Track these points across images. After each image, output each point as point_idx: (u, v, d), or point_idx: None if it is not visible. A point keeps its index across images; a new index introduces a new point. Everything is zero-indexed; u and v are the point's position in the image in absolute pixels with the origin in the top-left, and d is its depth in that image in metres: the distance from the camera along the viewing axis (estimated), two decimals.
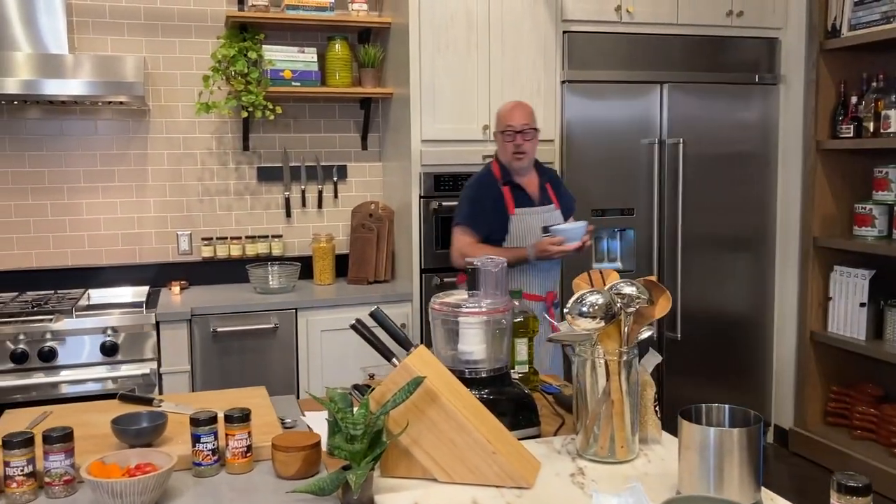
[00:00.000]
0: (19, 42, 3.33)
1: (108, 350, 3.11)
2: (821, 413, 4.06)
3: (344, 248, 3.97)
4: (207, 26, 3.76)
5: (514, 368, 2.02)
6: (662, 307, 1.58)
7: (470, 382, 1.69)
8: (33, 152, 3.60)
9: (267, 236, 3.90)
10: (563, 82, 3.68)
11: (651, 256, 3.88)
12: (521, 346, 2.04)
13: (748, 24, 3.92)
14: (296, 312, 3.42)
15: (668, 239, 3.90)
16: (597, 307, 1.51)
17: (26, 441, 1.44)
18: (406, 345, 1.61)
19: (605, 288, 1.58)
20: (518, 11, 3.56)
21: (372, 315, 1.64)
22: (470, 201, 3.05)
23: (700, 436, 1.36)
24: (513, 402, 1.73)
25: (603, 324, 1.52)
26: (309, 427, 1.82)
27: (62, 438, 1.46)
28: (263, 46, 3.62)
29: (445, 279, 3.57)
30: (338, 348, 3.43)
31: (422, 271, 3.58)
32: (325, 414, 1.86)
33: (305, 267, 3.82)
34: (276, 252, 3.88)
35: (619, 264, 3.87)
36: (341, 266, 3.90)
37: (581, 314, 1.52)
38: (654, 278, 1.61)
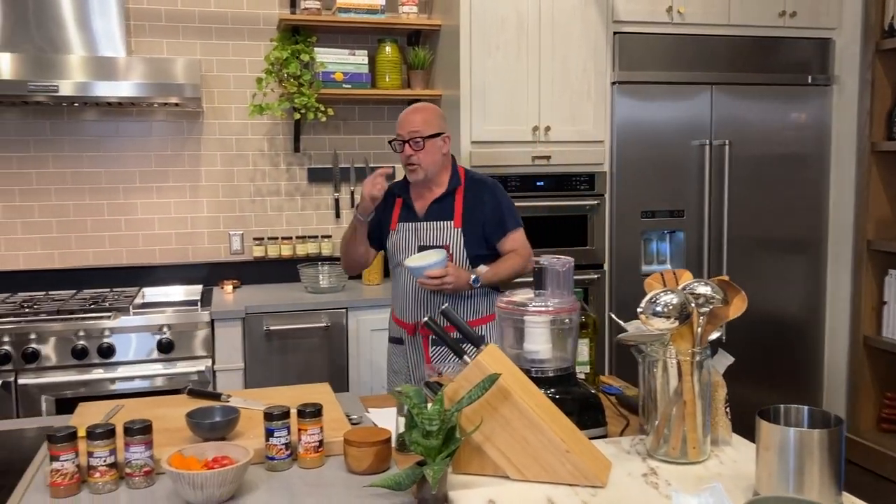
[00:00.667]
0: (74, 45, 3.41)
1: (165, 347, 3.17)
2: (874, 419, 3.99)
3: None
4: (260, 29, 3.81)
5: None
6: (737, 307, 1.57)
7: (536, 382, 1.68)
8: (91, 153, 3.68)
9: (317, 236, 3.93)
10: (613, 83, 3.67)
11: (701, 258, 3.84)
12: (583, 347, 2.04)
13: (801, 25, 3.87)
14: (346, 312, 3.45)
15: (717, 241, 3.87)
16: (671, 307, 1.51)
17: (108, 432, 1.48)
18: (477, 342, 1.62)
19: (679, 287, 1.57)
20: (569, 13, 3.56)
21: (443, 313, 1.65)
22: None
23: (780, 436, 1.34)
24: (579, 401, 1.73)
25: (677, 324, 1.52)
26: (374, 424, 1.83)
27: (142, 431, 1.49)
28: (315, 49, 3.66)
29: None
30: (387, 347, 3.44)
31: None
32: (389, 411, 1.88)
33: None
34: (326, 252, 3.92)
35: (668, 266, 3.84)
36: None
37: (655, 314, 1.51)
38: (727, 278, 1.60)
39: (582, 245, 3.67)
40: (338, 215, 3.99)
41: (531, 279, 1.84)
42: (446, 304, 2.22)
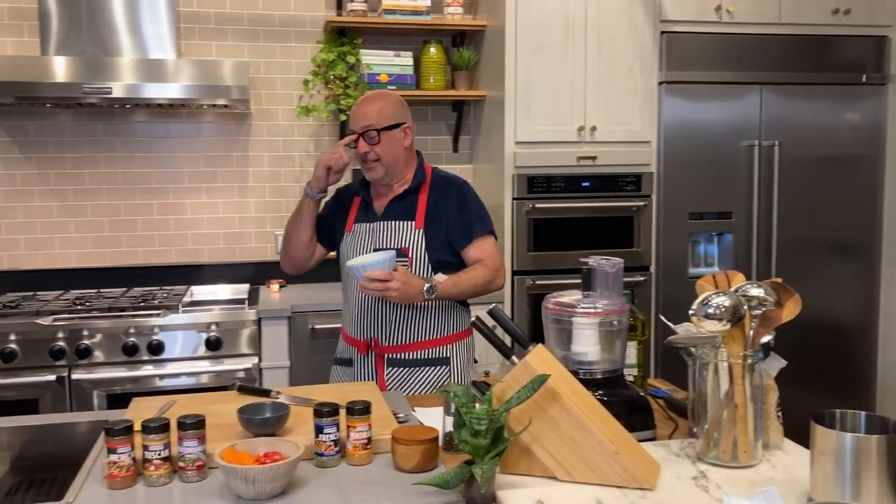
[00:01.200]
0: (125, 48, 3.48)
1: (213, 344, 3.22)
2: None
3: None
4: (307, 31, 3.85)
5: None
6: (790, 310, 1.54)
7: (583, 383, 1.67)
8: (142, 154, 3.75)
9: None
10: (660, 83, 3.63)
11: (750, 261, 3.78)
12: (631, 349, 2.02)
13: (855, 23, 3.78)
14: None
15: (766, 243, 3.80)
16: (723, 309, 1.49)
17: (163, 427, 1.50)
18: (524, 343, 1.62)
19: (731, 289, 1.55)
20: (616, 13, 3.54)
21: (490, 313, 1.65)
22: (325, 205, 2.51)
23: (836, 442, 1.32)
24: (627, 404, 1.71)
25: (729, 326, 1.50)
26: (420, 422, 1.84)
27: (196, 425, 1.51)
28: (361, 50, 3.69)
29: (538, 281, 3.56)
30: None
31: (514, 273, 3.58)
32: (435, 410, 1.89)
33: None
34: None
35: (716, 269, 3.78)
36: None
37: (707, 316, 1.49)
38: (780, 280, 1.57)
39: (627, 247, 3.64)
40: None
41: (579, 280, 1.83)
42: (397, 318, 2.18)
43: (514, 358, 1.59)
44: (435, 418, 1.79)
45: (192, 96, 3.34)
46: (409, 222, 2.32)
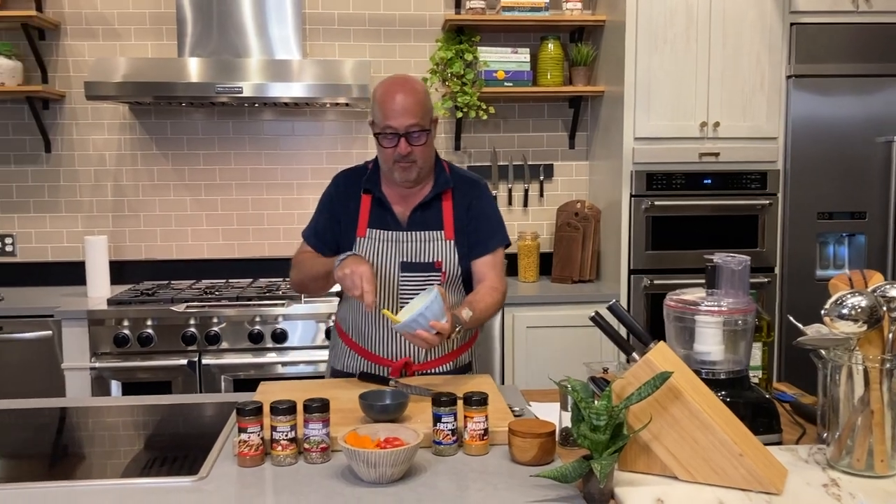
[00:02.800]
0: (253, 49, 3.64)
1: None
2: None
3: (548, 246, 4.00)
4: (426, 30, 3.91)
5: None
6: None
7: (706, 384, 1.63)
8: (269, 151, 3.92)
9: None
10: (788, 77, 3.48)
11: (885, 263, 3.57)
12: (756, 351, 1.95)
13: None
14: (502, 308, 3.47)
15: None
16: (859, 310, 1.42)
17: (290, 409, 1.57)
18: (645, 340, 1.59)
19: (868, 290, 1.48)
20: (742, 4, 3.41)
21: (611, 309, 1.63)
22: (319, 207, 2.26)
23: None
24: (752, 406, 1.66)
25: (865, 328, 1.42)
26: (536, 416, 1.84)
27: (321, 409, 1.57)
28: (478, 48, 3.71)
29: (655, 280, 3.49)
30: (543, 344, 3.45)
31: (630, 272, 3.52)
32: (551, 405, 1.89)
33: (510, 264, 3.87)
34: None
35: (846, 272, 3.59)
36: (545, 264, 3.93)
37: (841, 316, 1.43)
38: None
39: (751, 247, 3.51)
40: None
41: (699, 281, 1.79)
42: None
43: (634, 355, 1.57)
44: (551, 413, 1.79)
45: (315, 95, 3.46)
46: (439, 232, 2.12)
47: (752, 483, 1.40)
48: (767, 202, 3.51)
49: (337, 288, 2.08)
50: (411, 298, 2.03)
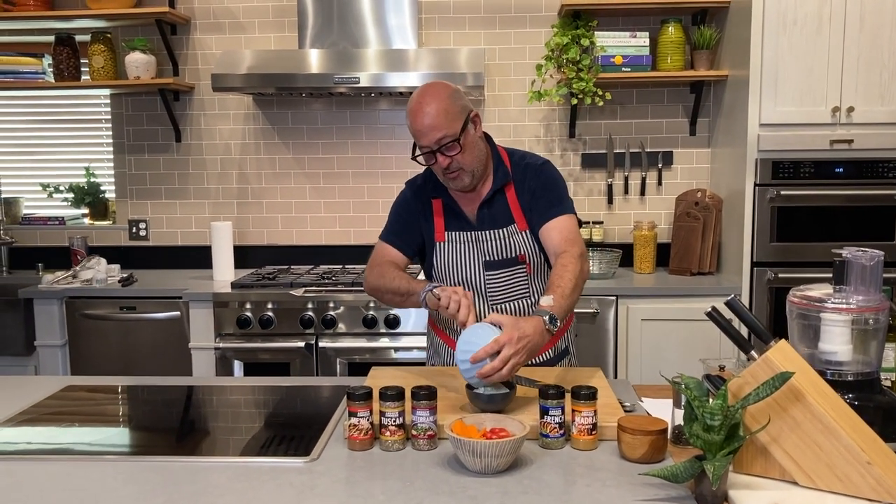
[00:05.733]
0: (371, 40, 3.70)
1: None
2: None
3: (666, 236, 3.88)
4: (541, 16, 3.86)
5: None
6: None
7: (832, 385, 1.54)
8: (384, 140, 3.98)
9: (588, 222, 3.92)
10: None
11: None
12: (889, 352, 1.82)
13: None
14: (616, 299, 3.40)
15: None
16: None
17: (399, 395, 1.59)
18: (765, 338, 1.52)
19: None
20: None
21: (728, 304, 1.56)
22: (395, 212, 2.23)
23: None
24: (884, 410, 1.55)
25: None
26: (647, 412, 1.80)
27: (428, 396, 1.59)
28: (595, 33, 3.63)
29: (780, 274, 3.33)
30: (658, 338, 3.36)
31: (753, 265, 3.37)
32: (663, 401, 1.84)
33: (625, 254, 3.79)
34: (597, 238, 3.89)
35: None
36: (662, 255, 3.82)
37: None
38: None
39: (888, 240, 3.29)
40: (610, 201, 3.95)
41: (829, 275, 1.68)
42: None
43: (753, 353, 1.50)
44: (663, 409, 1.74)
45: None
46: (511, 226, 2.09)
47: (882, 494, 1.32)
48: None
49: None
50: (500, 297, 2.07)
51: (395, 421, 1.59)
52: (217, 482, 1.47)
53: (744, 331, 1.67)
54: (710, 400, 1.36)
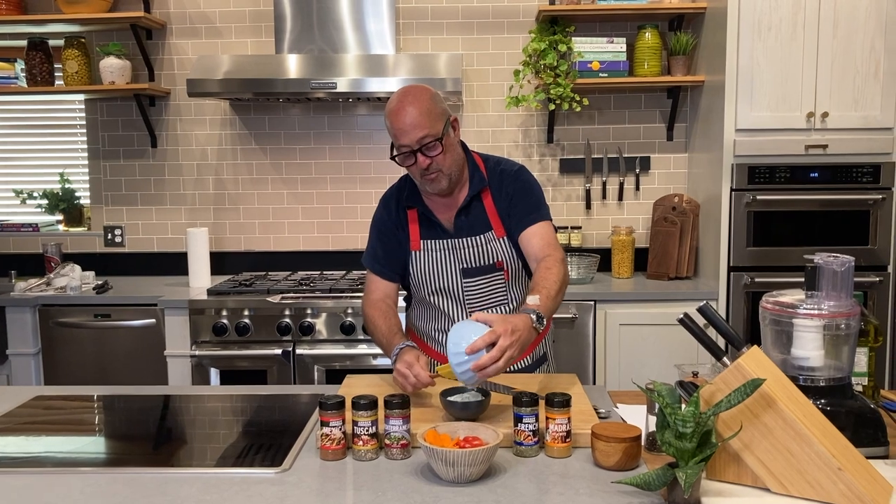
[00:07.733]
0: (350, 45, 3.69)
1: None
2: None
3: (643, 241, 3.89)
4: (519, 22, 3.87)
5: None
6: None
7: (804, 391, 1.54)
8: (362, 145, 3.97)
9: (566, 227, 3.92)
10: None
11: None
12: (861, 356, 1.83)
13: None
14: (595, 304, 3.40)
15: None
16: None
17: (371, 404, 1.58)
18: (737, 344, 1.52)
19: None
20: None
21: (700, 311, 1.57)
22: (373, 232, 2.21)
23: None
24: (855, 416, 1.56)
25: None
26: (622, 419, 1.79)
27: (401, 405, 1.58)
28: (573, 38, 3.64)
29: (756, 279, 3.34)
30: (636, 343, 3.37)
31: (730, 269, 3.39)
32: (639, 408, 1.83)
33: (603, 259, 3.80)
34: (575, 243, 3.90)
35: None
36: (639, 260, 3.83)
37: None
38: None
39: (861, 244, 3.32)
40: (588, 206, 3.95)
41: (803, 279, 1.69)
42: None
43: (725, 359, 1.50)
44: (639, 416, 1.74)
45: None
46: (488, 233, 2.09)
47: (852, 500, 1.32)
48: (880, 197, 3.31)
49: (402, 293, 2.23)
50: (479, 304, 2.09)
51: (367, 430, 1.58)
52: (187, 494, 1.45)
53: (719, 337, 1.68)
54: (683, 407, 1.36)
